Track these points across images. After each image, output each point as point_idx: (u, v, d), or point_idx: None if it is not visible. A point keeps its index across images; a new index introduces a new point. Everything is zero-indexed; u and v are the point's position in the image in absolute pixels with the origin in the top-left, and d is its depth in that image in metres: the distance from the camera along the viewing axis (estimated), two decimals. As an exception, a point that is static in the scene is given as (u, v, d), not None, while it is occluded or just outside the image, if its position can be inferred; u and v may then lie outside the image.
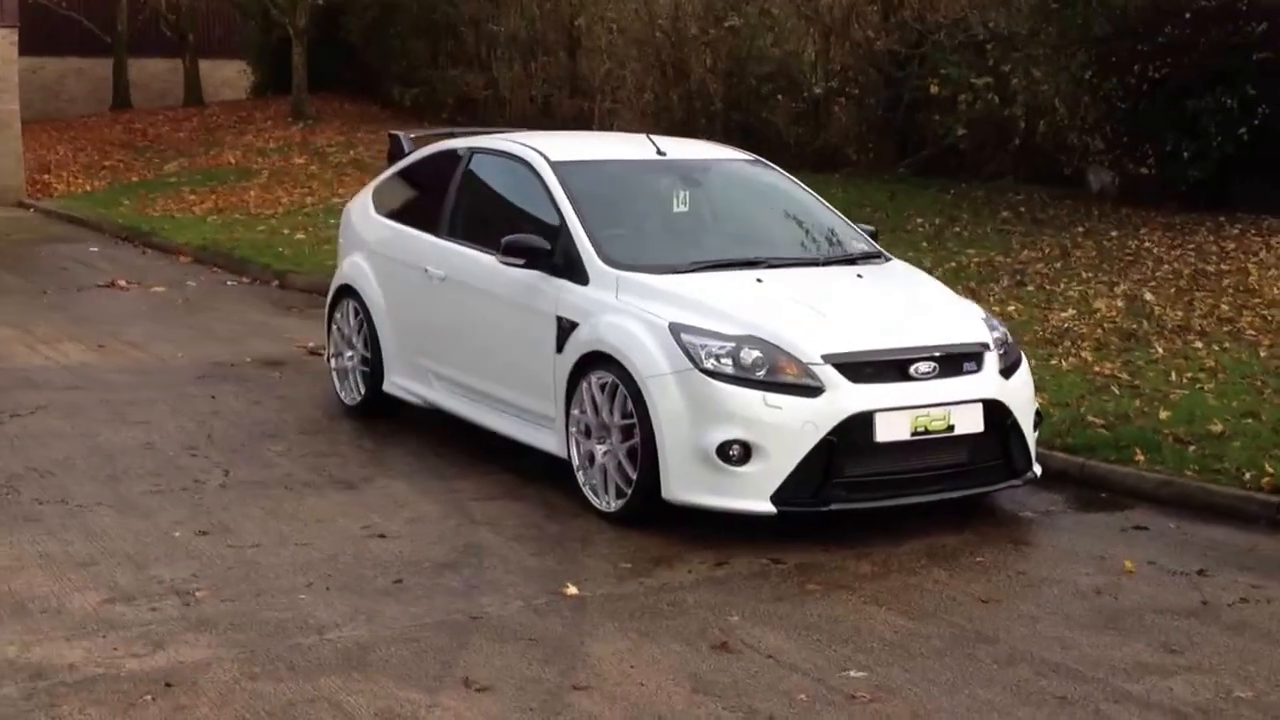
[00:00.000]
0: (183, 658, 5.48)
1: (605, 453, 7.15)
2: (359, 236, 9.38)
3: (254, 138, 24.87)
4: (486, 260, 8.04)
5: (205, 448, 8.49)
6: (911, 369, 6.88)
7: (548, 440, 7.63)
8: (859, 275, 7.73)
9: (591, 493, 7.24)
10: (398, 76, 26.28)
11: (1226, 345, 10.10)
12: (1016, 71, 17.71)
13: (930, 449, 6.87)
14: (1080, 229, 14.88)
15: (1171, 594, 6.26)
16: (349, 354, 9.33)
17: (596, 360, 7.19)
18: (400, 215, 9.06)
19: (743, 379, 6.73)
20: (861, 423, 6.70)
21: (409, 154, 9.36)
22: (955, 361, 7.01)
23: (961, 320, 7.38)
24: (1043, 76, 16.83)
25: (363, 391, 9.19)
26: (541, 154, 8.13)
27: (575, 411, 7.33)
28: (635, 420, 6.93)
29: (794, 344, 6.80)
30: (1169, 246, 13.78)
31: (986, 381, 7.06)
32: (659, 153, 8.40)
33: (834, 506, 6.75)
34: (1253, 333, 10.42)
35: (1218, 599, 6.17)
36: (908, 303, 7.54)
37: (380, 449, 8.54)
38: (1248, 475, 7.44)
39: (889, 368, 6.85)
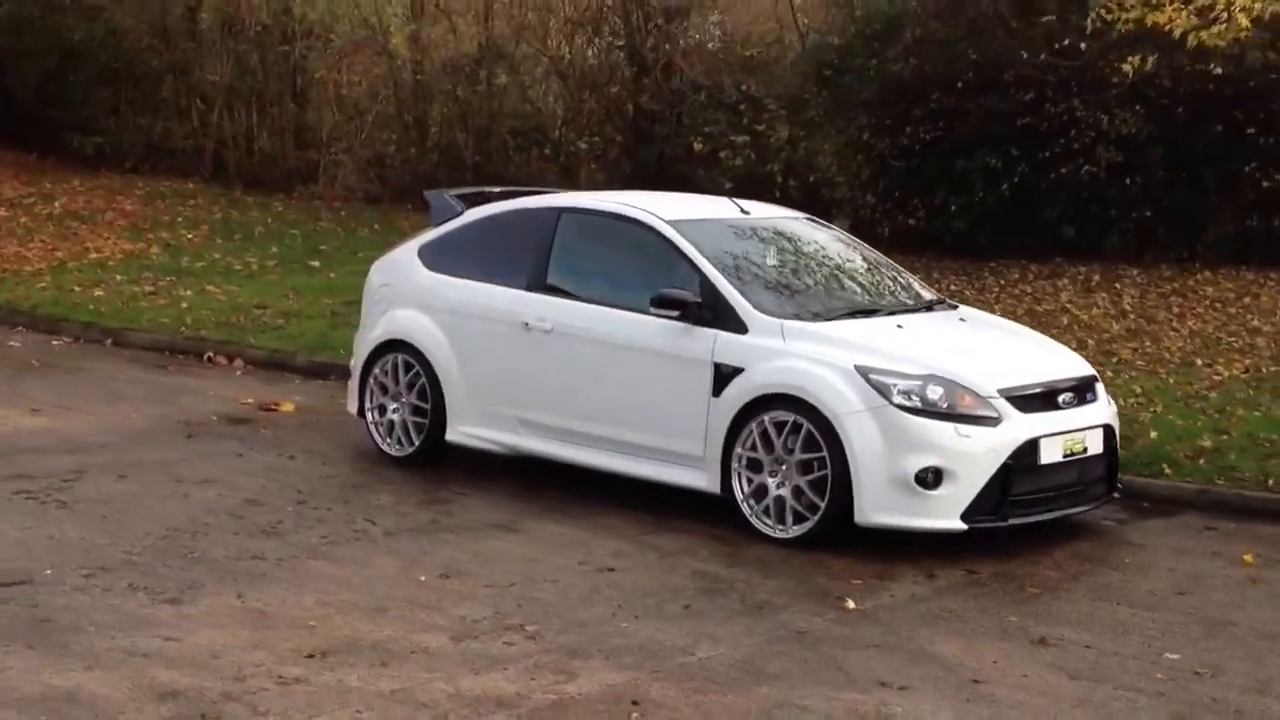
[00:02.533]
0: (609, 680, 5.91)
1: (779, 485, 7.89)
2: (409, 292, 9.64)
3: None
4: (609, 313, 8.62)
5: (312, 500, 8.65)
6: (1059, 399, 7.99)
7: (694, 478, 8.27)
8: (961, 319, 8.80)
9: (761, 522, 7.95)
10: (77, 125, 25.23)
11: (1124, 374, 11.70)
12: (773, 131, 19.24)
13: (1069, 469, 7.98)
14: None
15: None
16: (393, 406, 9.60)
17: (771, 401, 7.92)
18: (472, 272, 9.37)
19: (929, 412, 7.64)
20: (1030, 448, 7.74)
21: (460, 213, 9.71)
22: (1081, 392, 8.17)
23: (1068, 355, 8.58)
24: (823, 137, 18.34)
25: (415, 442, 9.48)
26: (655, 214, 8.79)
27: (740, 449, 8.02)
28: (824, 453, 7.71)
29: (972, 381, 7.78)
30: (968, 289, 15.50)
31: (1102, 408, 8.26)
32: (743, 211, 9.21)
33: (1011, 521, 7.75)
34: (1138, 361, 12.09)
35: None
36: (1017, 342, 8.67)
37: (479, 494, 8.84)
38: (1270, 481, 8.92)
39: (1042, 399, 7.93)
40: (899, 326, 8.32)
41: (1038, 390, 7.92)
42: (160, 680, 5.83)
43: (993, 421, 7.65)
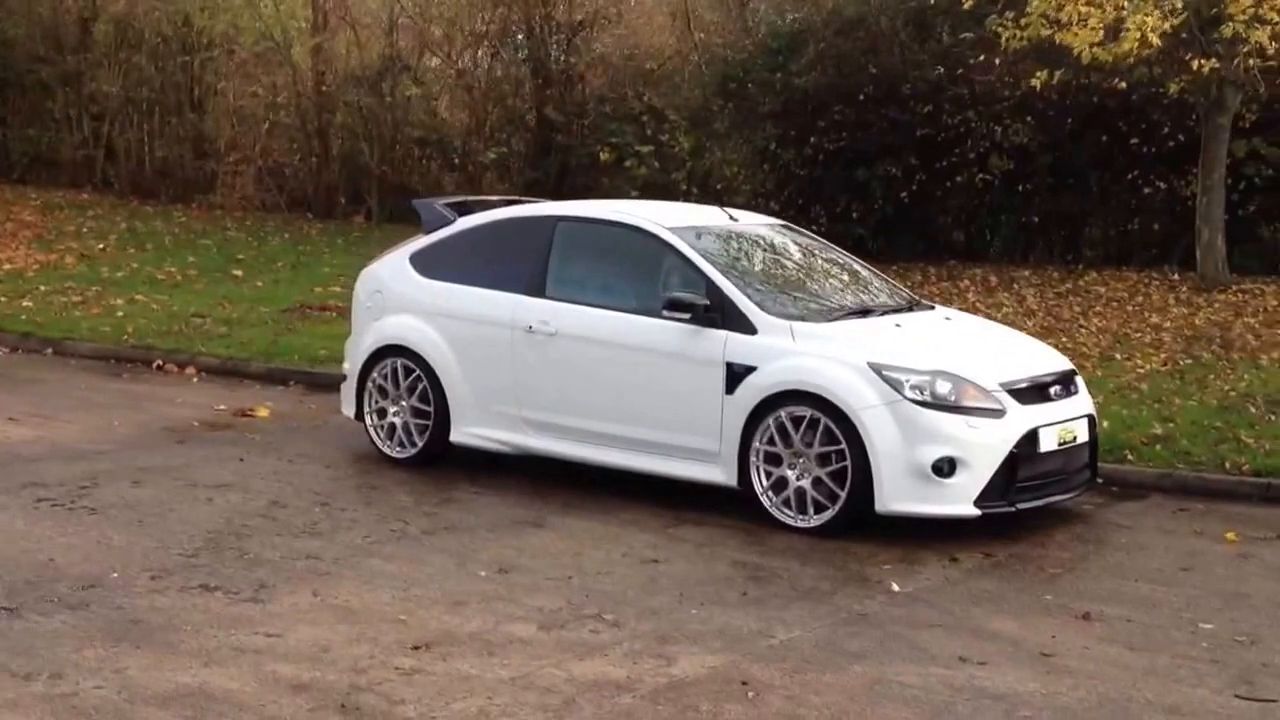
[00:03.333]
0: (707, 663, 6.31)
1: (799, 476, 8.39)
2: (404, 299, 9.95)
3: None
4: (616, 316, 9.04)
5: (335, 502, 8.92)
6: (1050, 391, 8.61)
7: (710, 472, 8.72)
8: (946, 318, 9.39)
9: (781, 513, 8.44)
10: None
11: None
12: (677, 141, 19.80)
13: (1060, 457, 8.60)
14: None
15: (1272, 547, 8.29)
16: (393, 410, 9.90)
17: (786, 397, 8.41)
18: (470, 278, 9.70)
19: (940, 406, 8.20)
20: (1031, 437, 8.34)
21: (452, 222, 10.04)
22: (1066, 384, 8.80)
23: (1048, 350, 9.21)
24: (732, 147, 18.93)
25: (418, 444, 9.79)
26: (656, 222, 9.23)
27: (757, 444, 8.49)
28: (843, 446, 8.22)
29: (975, 375, 8.35)
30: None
31: (1084, 399, 8.90)
32: (731, 219, 9.70)
33: (1019, 506, 8.34)
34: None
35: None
36: (1002, 338, 9.29)
37: (492, 493, 9.15)
38: (1226, 464, 9.67)
39: (1035, 391, 8.53)
40: (897, 326, 8.87)
41: (1031, 384, 8.52)
42: (282, 674, 6.09)
43: (998, 413, 8.23)
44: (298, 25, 22.46)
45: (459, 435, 9.63)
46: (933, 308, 9.68)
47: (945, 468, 8.06)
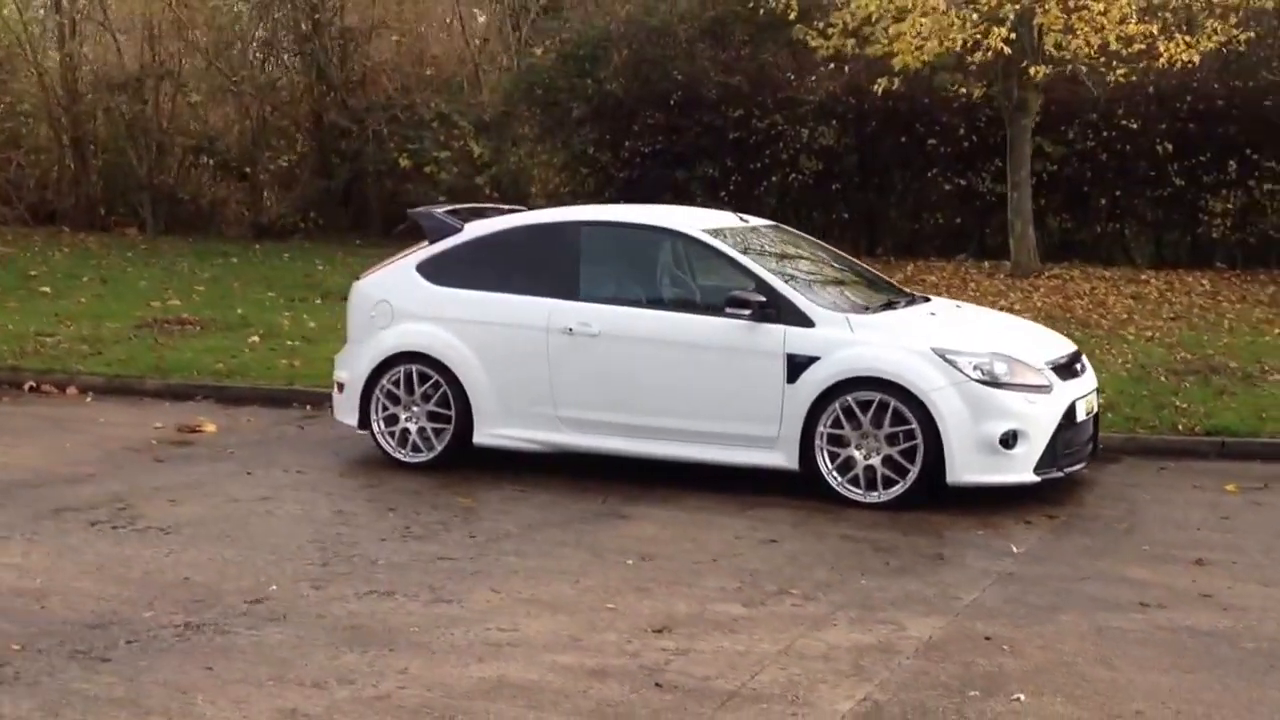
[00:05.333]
0: (932, 623, 6.73)
1: (867, 456, 8.91)
2: (415, 307, 9.96)
3: None
4: (662, 314, 9.40)
5: (399, 507, 8.92)
6: (1075, 367, 9.42)
7: (769, 458, 9.13)
8: (958, 306, 10.09)
9: (848, 491, 8.92)
10: None
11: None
12: (478, 147, 20.02)
13: (1086, 426, 9.41)
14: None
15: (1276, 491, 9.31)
16: (405, 416, 9.92)
17: (851, 384, 8.92)
18: (489, 285, 9.80)
19: (999, 384, 8.87)
20: (1071, 409, 9.12)
21: (459, 230, 10.10)
22: (1080, 361, 9.64)
23: (1055, 333, 10.02)
24: (551, 151, 19.25)
25: (436, 448, 9.84)
26: (691, 225, 9.63)
27: (821, 428, 8.97)
28: (913, 425, 8.79)
29: (1025, 355, 9.07)
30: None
31: (1092, 375, 9.76)
32: (742, 219, 10.16)
33: (1066, 471, 9.10)
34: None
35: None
36: (1016, 322, 10.06)
37: (543, 491, 9.28)
38: (1180, 425, 10.71)
39: (1066, 368, 9.31)
40: (932, 314, 9.51)
41: (1065, 361, 9.31)
42: (564, 663, 6.21)
43: (1047, 389, 8.96)
44: (43, 30, 21.43)
45: (482, 437, 9.72)
46: (929, 299, 10.34)
47: (1010, 440, 8.72)
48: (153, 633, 6.58)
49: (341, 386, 10.26)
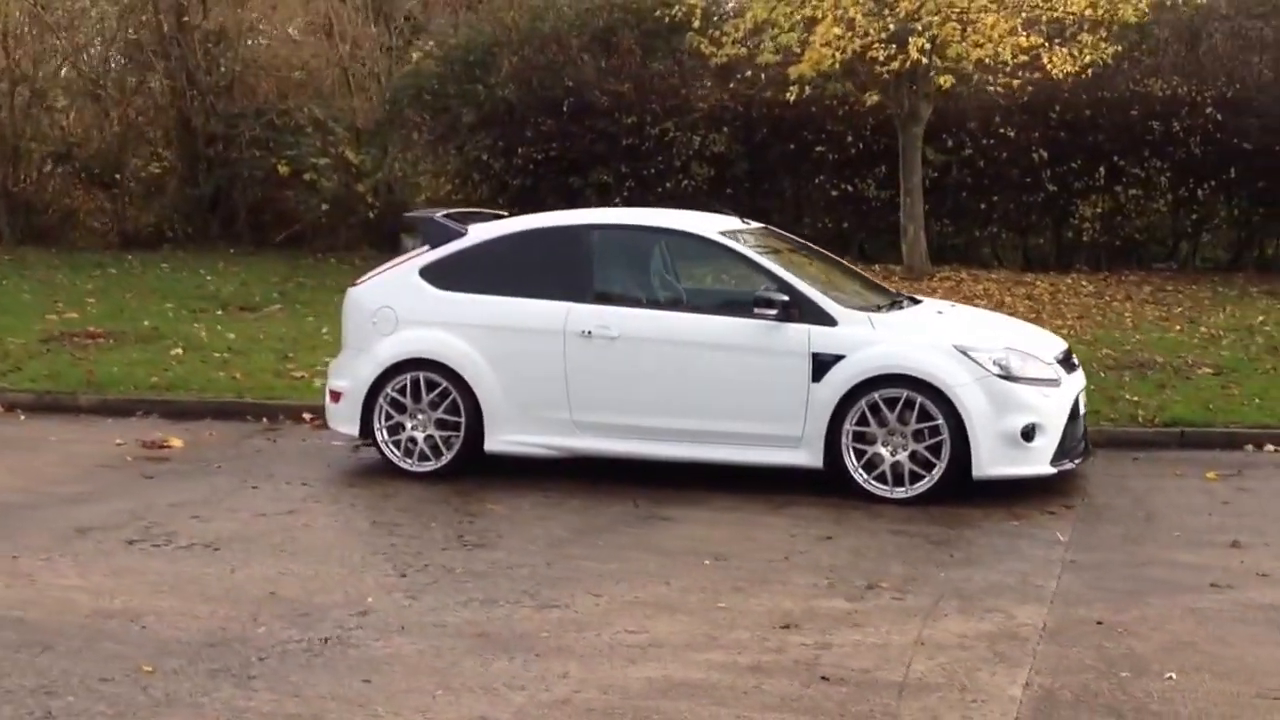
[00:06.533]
0: (1036, 611, 6.98)
1: (893, 452, 9.15)
2: (421, 312, 9.86)
3: None
4: (684, 316, 9.52)
5: (435, 518, 8.87)
6: (1072, 362, 9.82)
7: (793, 456, 9.29)
8: (952, 306, 10.41)
9: (875, 487, 9.13)
10: None
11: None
12: (361, 153, 19.80)
13: (1080, 421, 9.82)
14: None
15: (1251, 477, 9.84)
16: (411, 424, 9.84)
17: (878, 381, 9.16)
18: (499, 289, 9.77)
19: (1017, 379, 9.20)
20: (1077, 402, 9.52)
21: (462, 235, 10.04)
22: (1073, 357, 10.04)
23: (1046, 331, 10.42)
24: (444, 158, 19.10)
25: (446, 456, 9.78)
26: (705, 228, 9.77)
27: (848, 425, 9.18)
28: (939, 421, 9.06)
29: (1037, 351, 9.43)
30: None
31: (1082, 372, 10.17)
32: (744, 221, 10.32)
33: (1078, 462, 9.48)
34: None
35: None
36: (1013, 322, 10.42)
37: (570, 497, 9.29)
38: (1139, 416, 11.22)
39: (1066, 363, 9.72)
40: (939, 313, 9.81)
41: (1064, 358, 9.70)
42: (718, 661, 6.31)
43: (1057, 383, 9.33)
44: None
45: (494, 444, 9.69)
46: (923, 300, 10.63)
47: (1030, 433, 9.05)
48: (279, 648, 6.46)
49: (337, 395, 10.09)
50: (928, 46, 15.69)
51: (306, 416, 11.74)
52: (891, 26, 15.59)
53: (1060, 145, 18.92)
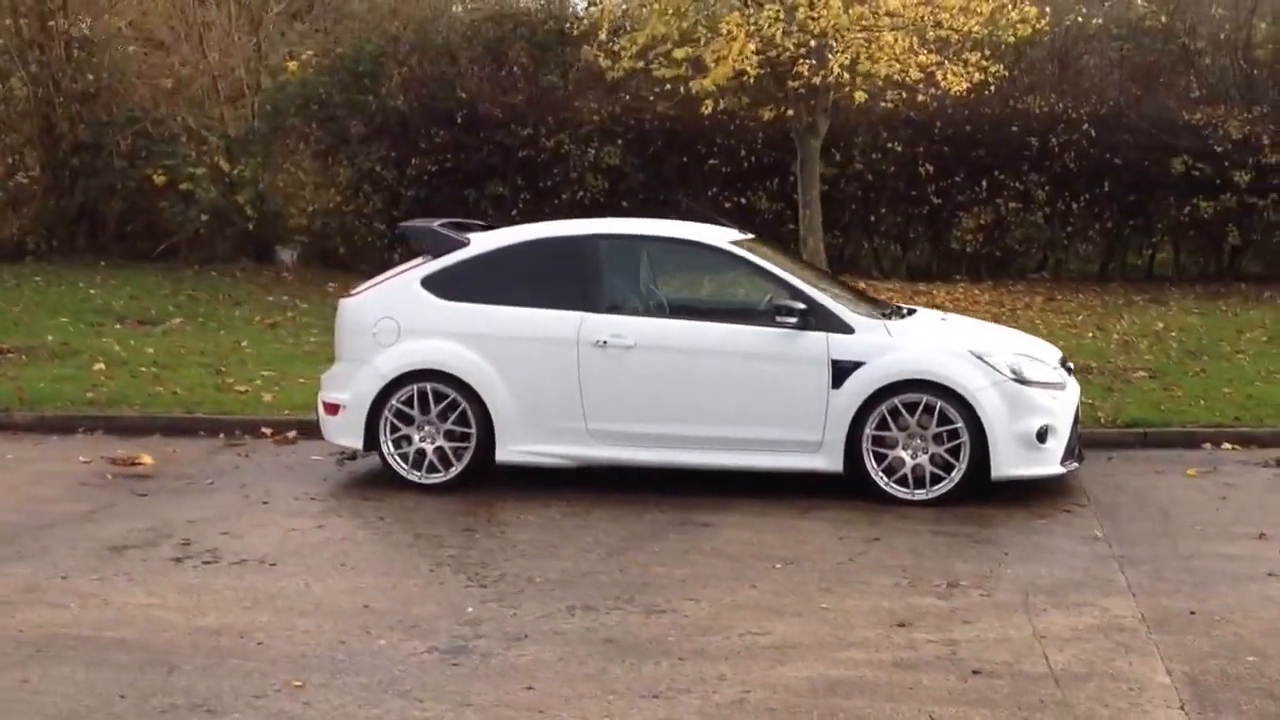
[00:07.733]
0: (1122, 603, 7.25)
1: (914, 455, 9.34)
2: (425, 323, 9.74)
3: None
4: (700, 325, 9.59)
5: (477, 529, 8.78)
6: (1069, 367, 10.15)
7: (812, 461, 9.42)
8: (944, 314, 10.67)
9: (896, 490, 9.31)
10: None
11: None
12: (238, 164, 19.35)
13: (1077, 424, 10.15)
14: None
15: (1227, 473, 10.29)
16: (419, 436, 9.71)
17: (898, 386, 9.33)
18: (507, 299, 9.71)
19: (1029, 382, 9.48)
20: (1078, 406, 9.85)
21: (465, 245, 9.93)
22: (1068, 362, 10.37)
23: (1036, 337, 10.75)
24: (321, 168, 18.74)
25: (456, 467, 9.67)
26: (713, 238, 9.85)
27: (868, 430, 9.35)
28: (958, 424, 9.28)
29: (1044, 355, 9.73)
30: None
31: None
32: (743, 231, 10.41)
33: (1083, 463, 9.81)
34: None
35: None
36: (1003, 329, 10.70)
37: (597, 506, 9.25)
38: (1102, 418, 11.62)
39: (1067, 368, 10.05)
40: (943, 319, 10.05)
41: (1063, 361, 10.03)
42: (861, 660, 6.39)
43: (1062, 386, 9.64)
44: None
45: (505, 454, 9.62)
46: (918, 310, 10.83)
47: (1044, 435, 9.34)
48: (415, 660, 6.36)
49: (334, 408, 9.88)
50: (847, 62, 15.98)
51: (266, 431, 11.45)
52: (812, 43, 15.83)
53: (944, 159, 19.46)
